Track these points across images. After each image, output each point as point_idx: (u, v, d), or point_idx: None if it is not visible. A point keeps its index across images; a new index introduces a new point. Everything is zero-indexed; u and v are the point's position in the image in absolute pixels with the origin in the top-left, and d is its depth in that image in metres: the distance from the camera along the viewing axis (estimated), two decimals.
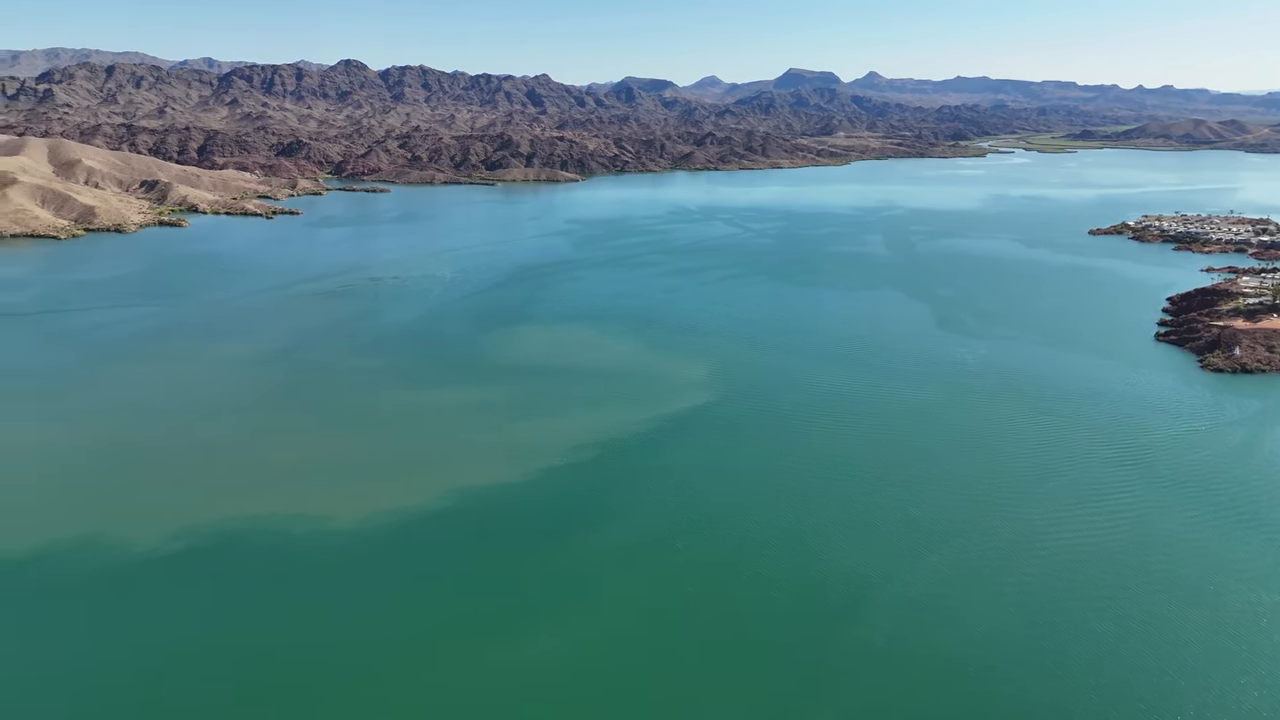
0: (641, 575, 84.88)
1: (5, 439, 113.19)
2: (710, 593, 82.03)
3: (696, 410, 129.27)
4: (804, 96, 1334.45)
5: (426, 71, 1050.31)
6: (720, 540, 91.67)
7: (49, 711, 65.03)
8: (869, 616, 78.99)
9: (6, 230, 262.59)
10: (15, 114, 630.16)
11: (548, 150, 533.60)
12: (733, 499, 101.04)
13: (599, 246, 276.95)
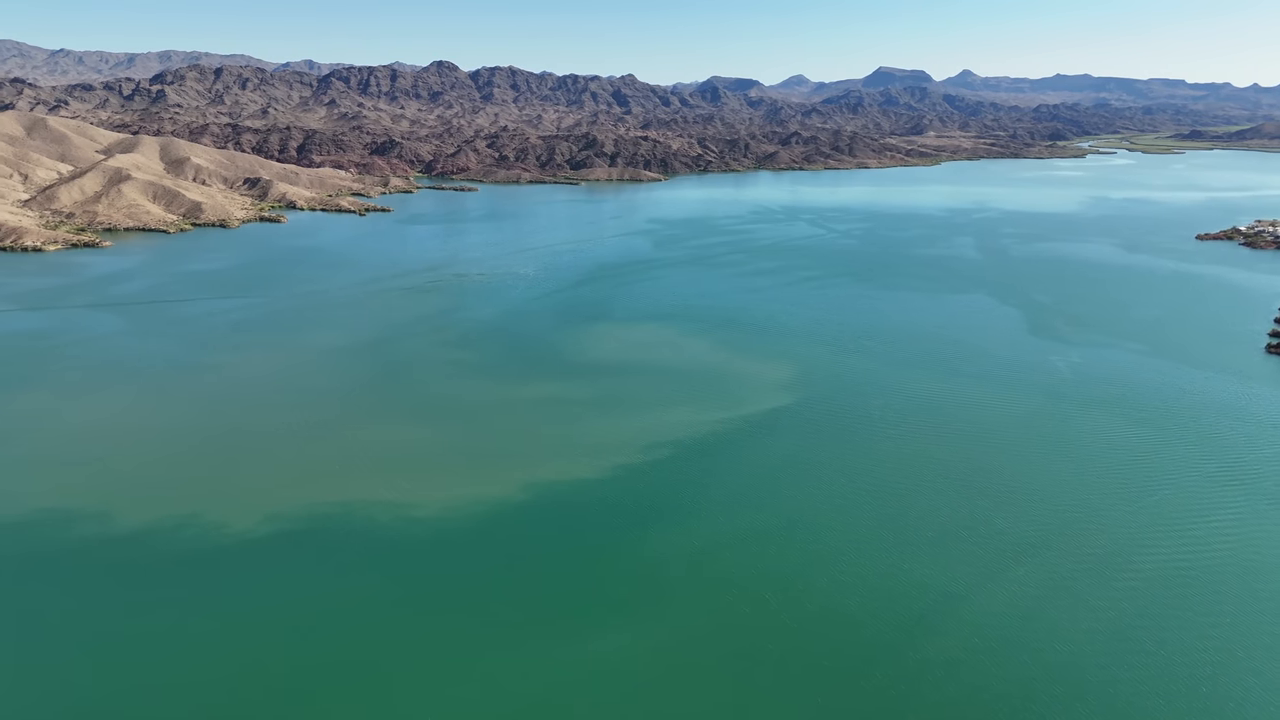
0: (714, 576, 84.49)
1: (118, 421, 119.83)
2: (785, 597, 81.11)
3: (775, 412, 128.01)
4: (893, 95, 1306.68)
5: (515, 72, 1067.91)
6: (796, 544, 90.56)
7: (147, 677, 68.59)
8: (950, 629, 76.85)
9: (121, 224, 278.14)
10: (130, 114, 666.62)
11: (631, 150, 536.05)
12: (810, 503, 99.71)
13: (679, 246, 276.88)
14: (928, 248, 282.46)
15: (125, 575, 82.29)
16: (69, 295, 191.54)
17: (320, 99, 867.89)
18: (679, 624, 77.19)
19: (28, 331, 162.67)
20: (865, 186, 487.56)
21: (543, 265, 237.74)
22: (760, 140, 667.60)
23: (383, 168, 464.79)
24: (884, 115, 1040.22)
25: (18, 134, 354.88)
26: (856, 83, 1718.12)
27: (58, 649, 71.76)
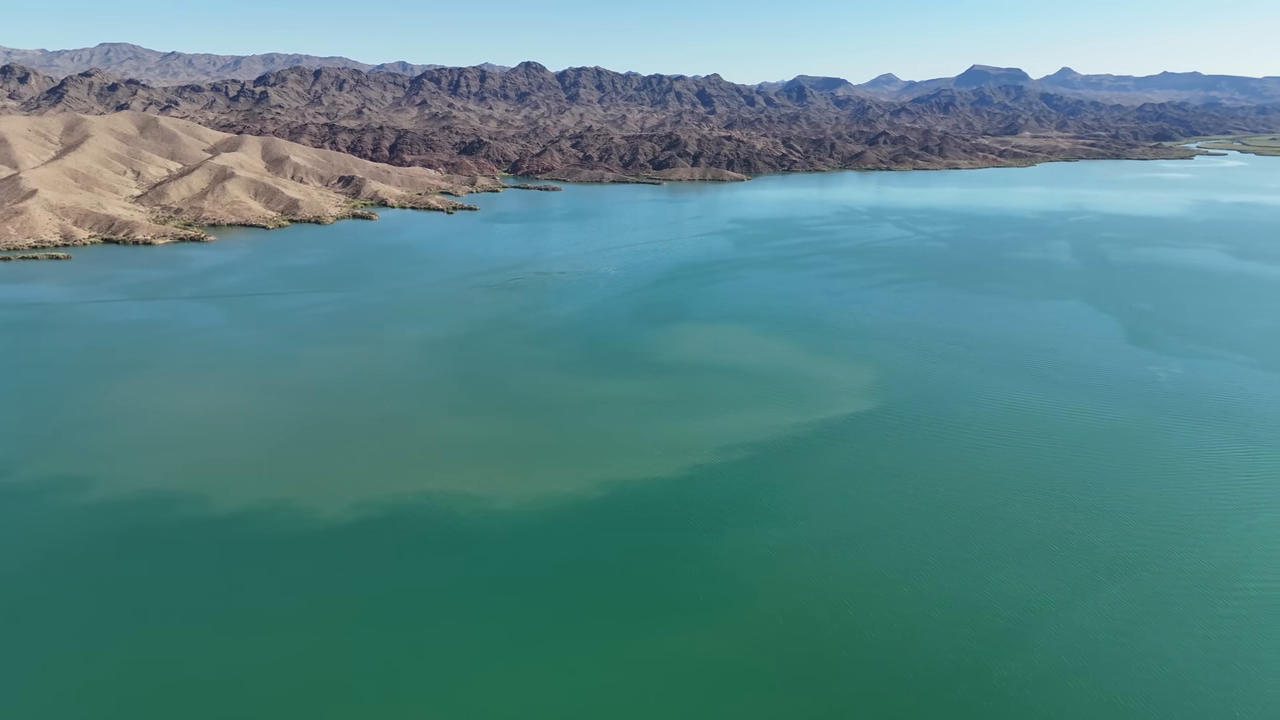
0: (791, 581, 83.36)
1: (218, 407, 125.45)
2: (863, 605, 79.45)
3: (856, 417, 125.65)
4: (987, 94, 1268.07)
5: (601, 72, 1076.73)
6: (877, 552, 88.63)
7: (241, 652, 71.52)
8: (1037, 645, 74.02)
9: (224, 219, 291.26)
10: (235, 114, 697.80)
11: (714, 150, 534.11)
12: (891, 511, 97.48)
13: (761, 246, 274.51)
14: (1020, 251, 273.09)
15: (221, 556, 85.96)
16: (175, 287, 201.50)
17: (412, 99, 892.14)
18: (752, 627, 76.39)
19: (138, 321, 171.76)
20: (955, 188, 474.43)
21: (623, 264, 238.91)
22: (846, 140, 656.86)
23: (470, 167, 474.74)
24: (976, 115, 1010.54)
25: (132, 133, 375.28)
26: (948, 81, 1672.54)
27: (158, 624, 75.38)
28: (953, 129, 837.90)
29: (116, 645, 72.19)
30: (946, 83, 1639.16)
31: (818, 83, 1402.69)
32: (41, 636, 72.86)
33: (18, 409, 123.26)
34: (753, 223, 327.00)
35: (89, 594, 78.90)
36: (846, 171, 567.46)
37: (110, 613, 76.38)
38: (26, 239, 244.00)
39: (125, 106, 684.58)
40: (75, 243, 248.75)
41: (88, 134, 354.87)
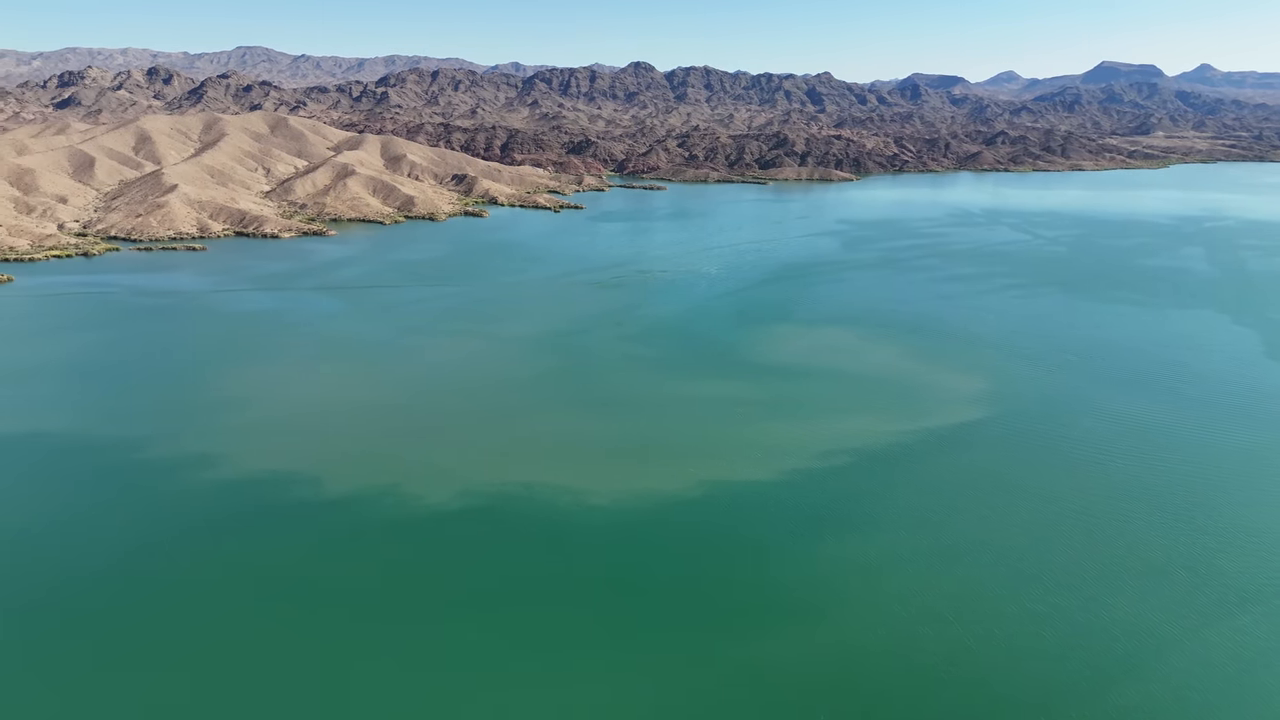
0: (892, 591, 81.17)
1: (334, 394, 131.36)
2: (969, 621, 76.63)
3: (964, 426, 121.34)
4: (1117, 92, 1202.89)
5: (710, 72, 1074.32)
6: (985, 567, 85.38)
7: (351, 629, 74.69)
8: (1157, 674, 69.80)
9: (344, 215, 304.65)
10: (357, 114, 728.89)
11: (823, 149, 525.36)
12: (1001, 525, 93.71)
13: (868, 248, 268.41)
14: (1149, 258, 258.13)
15: (333, 536, 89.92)
16: (299, 279, 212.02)
17: (524, 100, 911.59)
18: (852, 636, 74.73)
19: (264, 311, 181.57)
20: (1079, 190, 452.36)
21: (725, 264, 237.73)
22: (962, 140, 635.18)
23: (577, 166, 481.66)
24: (1104, 114, 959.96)
25: (263, 131, 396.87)
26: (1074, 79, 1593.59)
27: (273, 601, 79.50)
28: (1077, 128, 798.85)
29: (236, 619, 76.44)
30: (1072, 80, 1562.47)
31: (933, 81, 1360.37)
32: (175, 607, 77.86)
33: (158, 390, 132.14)
34: (861, 224, 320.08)
35: (218, 567, 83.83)
36: (961, 172, 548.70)
37: (233, 587, 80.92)
38: (167, 231, 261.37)
39: (258, 107, 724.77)
40: (210, 235, 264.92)
41: (224, 133, 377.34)
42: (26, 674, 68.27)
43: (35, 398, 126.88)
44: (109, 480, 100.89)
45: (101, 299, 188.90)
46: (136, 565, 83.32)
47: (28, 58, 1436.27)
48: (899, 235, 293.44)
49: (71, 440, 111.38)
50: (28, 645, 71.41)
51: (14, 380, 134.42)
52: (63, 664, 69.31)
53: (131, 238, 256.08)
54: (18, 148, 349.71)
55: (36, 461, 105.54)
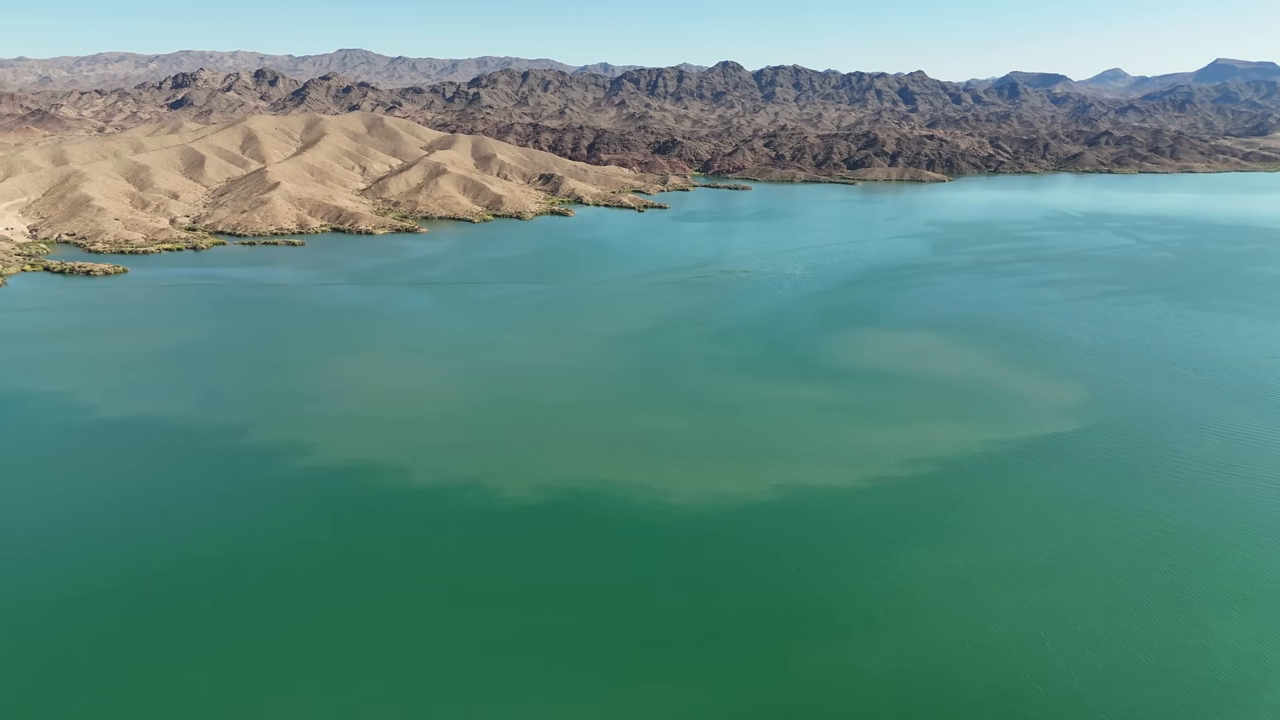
0: (979, 607, 78.58)
1: (422, 387, 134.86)
2: (1063, 641, 73.58)
3: (1058, 438, 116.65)
4: (1232, 91, 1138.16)
5: (799, 71, 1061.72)
6: (1079, 584, 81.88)
7: (429, 615, 76.56)
8: (1266, 705, 65.71)
9: (435, 213, 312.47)
10: (450, 114, 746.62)
11: (914, 149, 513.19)
12: (1097, 541, 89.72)
13: (960, 251, 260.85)
14: (1264, 265, 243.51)
15: (417, 526, 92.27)
16: (391, 274, 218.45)
17: (611, 100, 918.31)
18: (937, 651, 72.63)
19: (358, 305, 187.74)
20: (1188, 193, 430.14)
21: (810, 265, 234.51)
22: (1062, 140, 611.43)
23: (663, 166, 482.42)
24: (1218, 113, 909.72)
25: (360, 131, 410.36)
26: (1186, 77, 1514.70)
27: (359, 587, 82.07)
28: (1188, 129, 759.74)
29: (323, 602, 79.20)
30: (1184, 78, 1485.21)
31: (1033, 79, 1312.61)
32: (270, 589, 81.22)
33: (258, 379, 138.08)
34: (952, 226, 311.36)
35: (310, 551, 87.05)
36: (1061, 174, 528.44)
37: (323, 571, 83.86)
38: (269, 226, 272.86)
39: (356, 107, 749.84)
40: (309, 231, 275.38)
41: (324, 132, 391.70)
42: (139, 652, 72.17)
43: (147, 383, 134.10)
44: (213, 466, 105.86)
45: (208, 291, 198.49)
46: (237, 549, 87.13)
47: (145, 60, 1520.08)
48: (992, 238, 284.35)
49: (179, 425, 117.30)
50: (135, 624, 75.46)
51: (128, 367, 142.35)
52: (167, 640, 73.00)
53: (236, 232, 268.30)
54: (135, 146, 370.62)
55: (147, 445, 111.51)
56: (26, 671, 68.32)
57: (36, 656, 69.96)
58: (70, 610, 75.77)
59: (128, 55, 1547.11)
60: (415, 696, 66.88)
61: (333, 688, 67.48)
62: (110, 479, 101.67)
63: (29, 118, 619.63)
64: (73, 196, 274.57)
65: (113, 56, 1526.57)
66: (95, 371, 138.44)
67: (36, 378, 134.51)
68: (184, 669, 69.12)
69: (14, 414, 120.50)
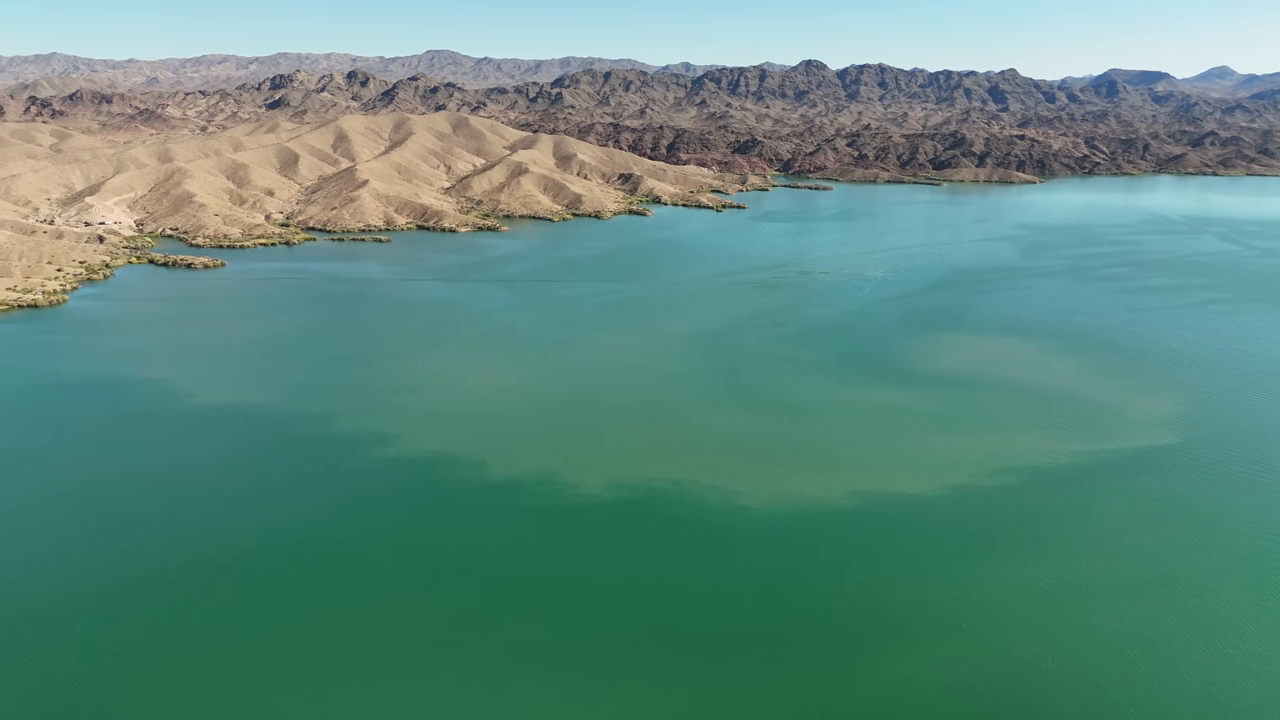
0: (1066, 622, 75.59)
1: (501, 382, 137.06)
2: (1156, 662, 70.28)
3: (1154, 451, 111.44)
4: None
5: (884, 69, 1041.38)
6: (1176, 604, 78.05)
7: (502, 603, 77.74)
8: None
9: (516, 211, 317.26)
10: (533, 114, 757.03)
11: (1004, 149, 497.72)
12: (1195, 559, 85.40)
13: (1050, 254, 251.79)
14: None
15: (494, 518, 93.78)
16: (472, 271, 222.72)
17: (692, 99, 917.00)
18: (1020, 666, 70.19)
19: (440, 300, 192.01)
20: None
21: (892, 267, 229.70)
22: (1164, 140, 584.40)
23: (742, 166, 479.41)
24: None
25: (446, 131, 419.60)
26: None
27: (436, 572, 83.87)
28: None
29: (401, 588, 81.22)
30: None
31: (1133, 77, 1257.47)
32: (351, 574, 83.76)
33: (343, 370, 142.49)
34: (1043, 229, 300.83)
35: (390, 538, 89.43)
36: (1161, 175, 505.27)
37: (402, 559, 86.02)
38: (357, 223, 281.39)
39: (442, 107, 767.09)
40: (395, 228, 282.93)
41: (411, 132, 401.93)
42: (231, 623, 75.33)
43: (240, 372, 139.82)
44: (300, 453, 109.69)
45: (299, 284, 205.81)
46: (322, 533, 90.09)
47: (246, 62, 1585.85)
48: (1086, 242, 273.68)
49: (269, 413, 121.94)
50: (227, 603, 78.75)
51: (223, 356, 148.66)
52: (255, 616, 75.98)
53: (327, 229, 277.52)
54: (234, 145, 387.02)
55: (240, 431, 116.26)
56: (135, 635, 71.92)
57: (140, 623, 73.58)
58: (173, 579, 79.48)
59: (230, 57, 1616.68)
60: (487, 685, 67.94)
61: (409, 671, 69.09)
62: (205, 462, 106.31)
63: (137, 117, 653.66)
64: (176, 193, 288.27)
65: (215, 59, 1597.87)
66: (193, 360, 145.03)
67: (140, 365, 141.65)
68: (268, 644, 71.77)
69: (119, 399, 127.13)
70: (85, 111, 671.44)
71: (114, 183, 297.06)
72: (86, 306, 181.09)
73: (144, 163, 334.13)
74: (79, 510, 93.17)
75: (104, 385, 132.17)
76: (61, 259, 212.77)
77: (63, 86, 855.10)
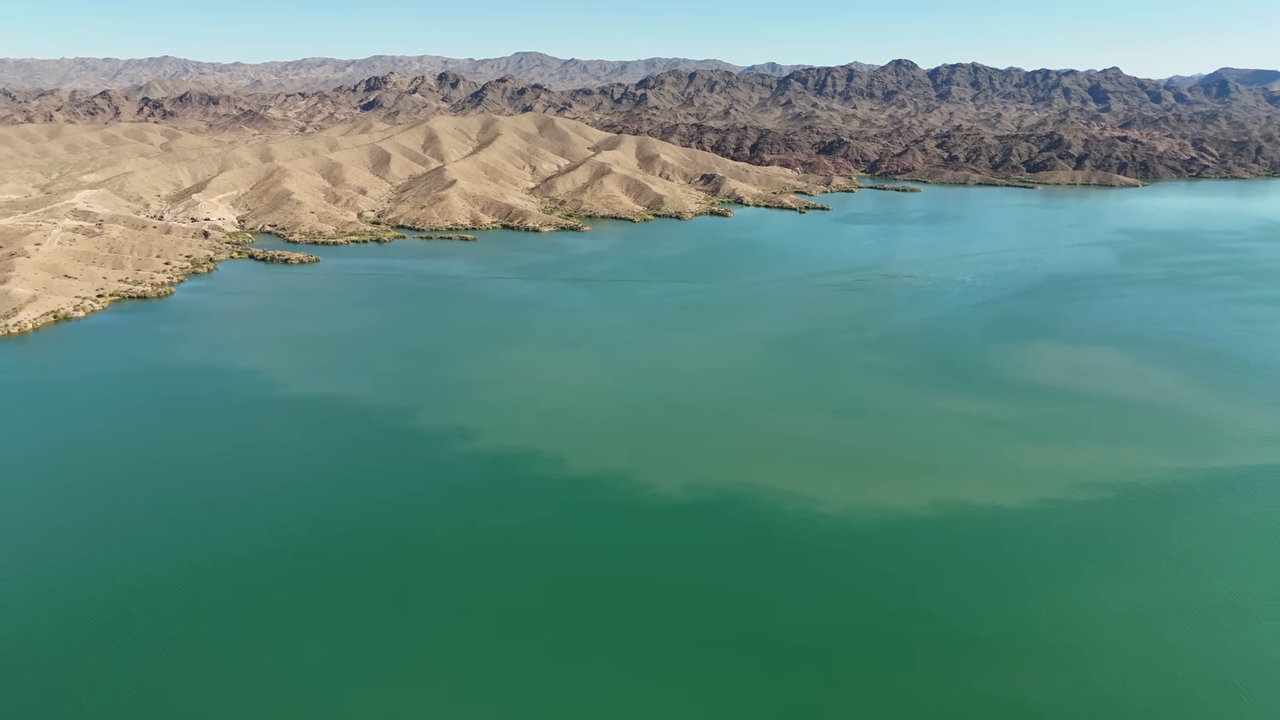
0: (1164, 647, 72.06)
1: (579, 380, 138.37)
2: (1261, 691, 66.42)
3: (1262, 470, 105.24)
4: None
5: (977, 69, 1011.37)
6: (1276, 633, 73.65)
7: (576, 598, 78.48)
8: None
9: (598, 212, 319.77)
10: (617, 115, 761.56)
11: (1104, 151, 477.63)
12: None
13: (1152, 261, 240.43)
14: None
15: (570, 514, 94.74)
16: (554, 270, 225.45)
17: (777, 100, 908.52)
18: (1110, 690, 67.16)
19: (522, 298, 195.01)
20: None
21: (981, 272, 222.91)
22: (1278, 142, 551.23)
23: (827, 166, 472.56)
24: None
25: (532, 132, 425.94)
26: None
27: (513, 567, 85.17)
28: None
29: (477, 585, 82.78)
30: None
31: (1246, 76, 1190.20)
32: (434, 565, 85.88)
33: (428, 364, 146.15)
34: (1145, 234, 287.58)
35: (473, 531, 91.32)
36: (1275, 180, 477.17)
37: (481, 554, 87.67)
38: (445, 222, 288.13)
39: (529, 108, 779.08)
40: (480, 227, 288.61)
41: (498, 133, 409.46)
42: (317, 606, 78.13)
43: (330, 364, 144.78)
44: (386, 444, 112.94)
45: (388, 281, 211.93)
46: (404, 524, 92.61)
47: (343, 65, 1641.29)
48: (1191, 249, 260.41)
49: (357, 405, 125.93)
50: (315, 589, 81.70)
51: (315, 348, 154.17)
52: (336, 603, 78.60)
53: (415, 227, 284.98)
54: (330, 145, 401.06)
55: (328, 420, 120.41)
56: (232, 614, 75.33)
57: (238, 603, 77.02)
58: (271, 563, 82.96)
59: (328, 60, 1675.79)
60: (552, 683, 68.68)
61: (482, 667, 70.37)
62: (295, 450, 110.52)
63: (241, 118, 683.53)
64: (275, 191, 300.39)
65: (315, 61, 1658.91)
66: (287, 351, 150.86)
67: (238, 355, 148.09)
68: (348, 632, 74.14)
69: (218, 387, 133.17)
70: (194, 112, 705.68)
71: (218, 180, 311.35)
72: (191, 299, 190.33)
73: (246, 162, 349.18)
74: (179, 493, 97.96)
75: (205, 374, 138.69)
76: (169, 253, 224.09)
77: (173, 88, 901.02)
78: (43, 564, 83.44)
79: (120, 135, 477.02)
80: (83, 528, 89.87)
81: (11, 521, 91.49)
